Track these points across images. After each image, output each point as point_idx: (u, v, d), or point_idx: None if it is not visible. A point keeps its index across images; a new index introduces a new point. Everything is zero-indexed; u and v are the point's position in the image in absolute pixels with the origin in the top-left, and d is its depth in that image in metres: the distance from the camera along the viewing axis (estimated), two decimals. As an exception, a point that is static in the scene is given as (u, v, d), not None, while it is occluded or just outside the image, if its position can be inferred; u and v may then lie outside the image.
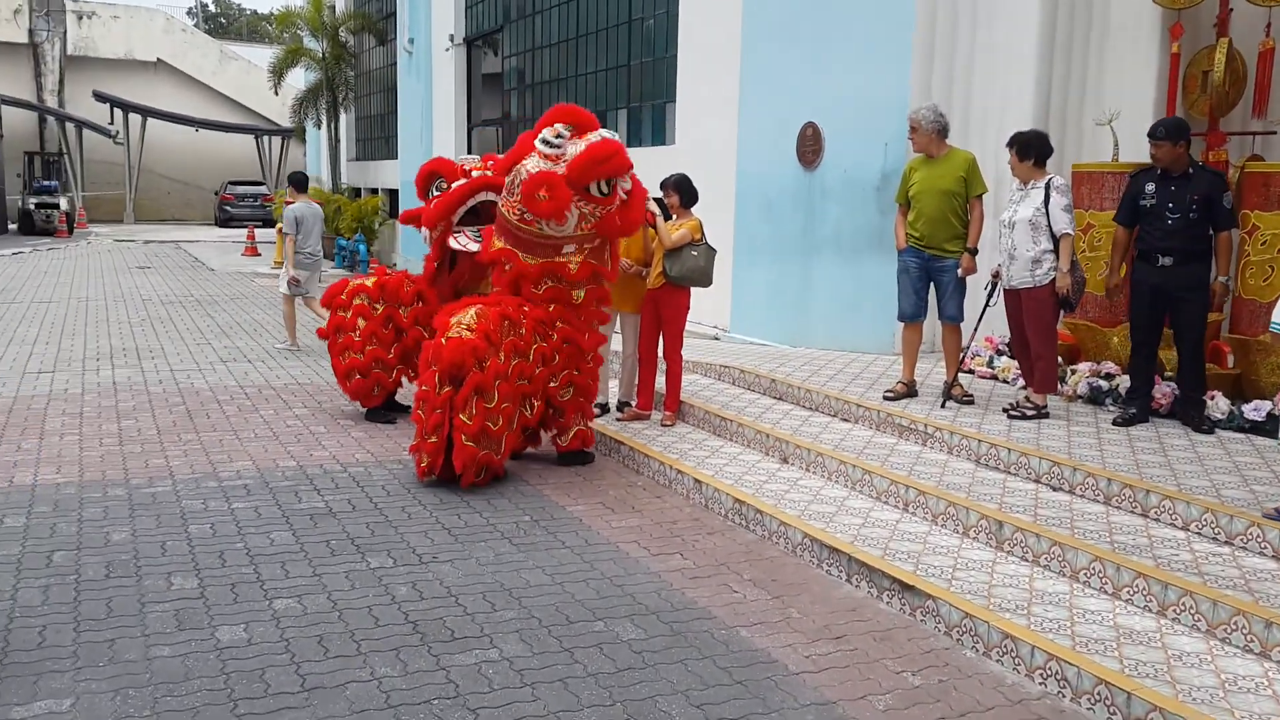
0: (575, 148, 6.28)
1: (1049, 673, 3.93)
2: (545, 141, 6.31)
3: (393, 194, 23.55)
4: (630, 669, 4.03)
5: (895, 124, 8.89)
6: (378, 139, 26.48)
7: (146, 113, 37.46)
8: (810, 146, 9.78)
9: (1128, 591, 4.43)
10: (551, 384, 6.58)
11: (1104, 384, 6.95)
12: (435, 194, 7.76)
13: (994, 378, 7.79)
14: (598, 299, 6.71)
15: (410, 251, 21.24)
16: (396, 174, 22.90)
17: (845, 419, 7.08)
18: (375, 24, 25.41)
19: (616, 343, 7.91)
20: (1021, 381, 7.53)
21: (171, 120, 38.07)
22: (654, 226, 7.19)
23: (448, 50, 19.74)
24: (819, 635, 4.39)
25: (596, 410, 7.58)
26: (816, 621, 4.53)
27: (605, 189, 6.35)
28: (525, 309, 6.46)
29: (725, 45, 11.14)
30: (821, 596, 4.81)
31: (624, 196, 6.51)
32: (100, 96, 36.67)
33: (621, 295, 7.42)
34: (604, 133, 6.44)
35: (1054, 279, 6.36)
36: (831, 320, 9.66)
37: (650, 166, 11.95)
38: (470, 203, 7.52)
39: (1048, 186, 6.40)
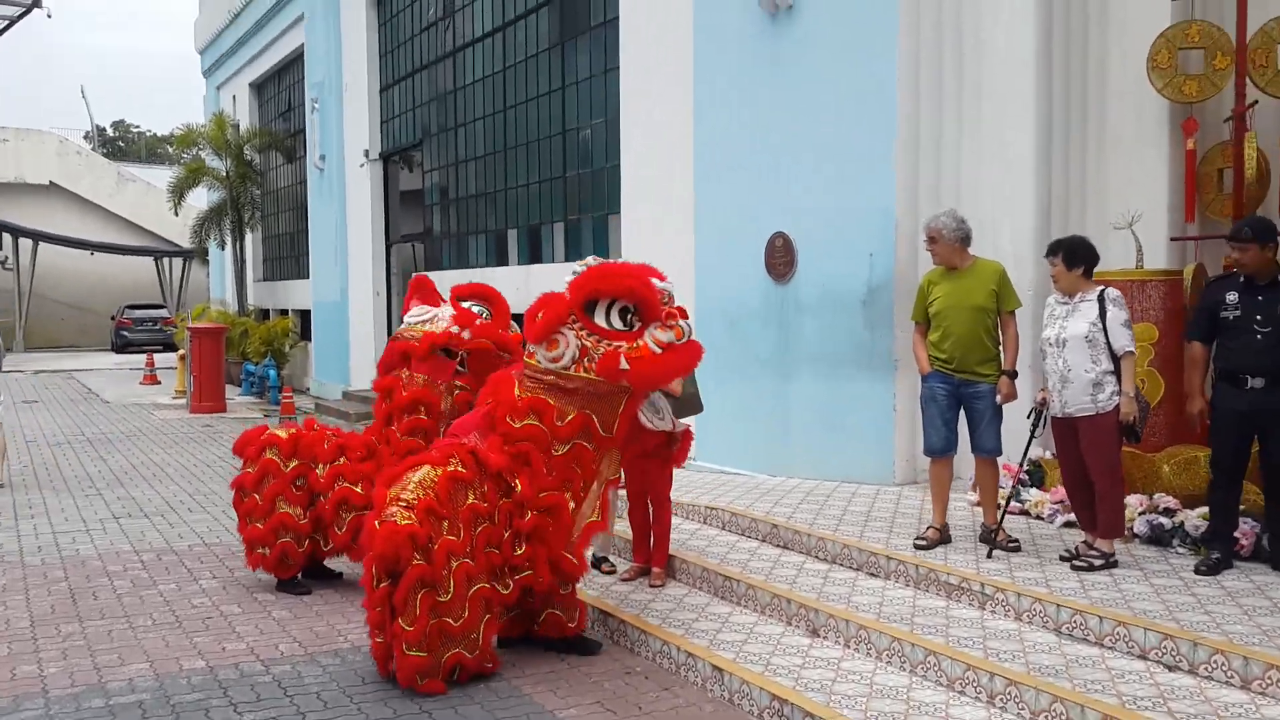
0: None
1: None
2: (574, 271, 5.43)
3: (304, 315, 22.21)
4: None
5: (880, 233, 8.06)
6: (287, 258, 25.16)
7: (38, 237, 35.59)
8: (781, 258, 8.89)
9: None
10: (516, 554, 5.15)
11: (1166, 521, 6.01)
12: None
13: (1024, 513, 6.80)
14: (579, 461, 5.24)
15: (325, 375, 19.88)
16: (308, 294, 21.60)
17: (873, 573, 5.99)
18: (282, 141, 24.32)
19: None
20: (1060, 519, 6.59)
21: (65, 244, 36.23)
22: None
23: (362, 166, 18.76)
24: None
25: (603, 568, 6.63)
26: None
27: (620, 321, 5.21)
28: (479, 456, 5.18)
29: (675, 153, 10.29)
30: (922, 843, 3.66)
31: (661, 341, 5.21)
32: (-13, 221, 34.77)
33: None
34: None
35: (1117, 405, 5.46)
36: (816, 446, 8.64)
37: (597, 282, 11.03)
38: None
39: (1101, 299, 5.53)
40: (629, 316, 5.21)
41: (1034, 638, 4.92)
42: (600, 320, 5.19)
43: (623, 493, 6.55)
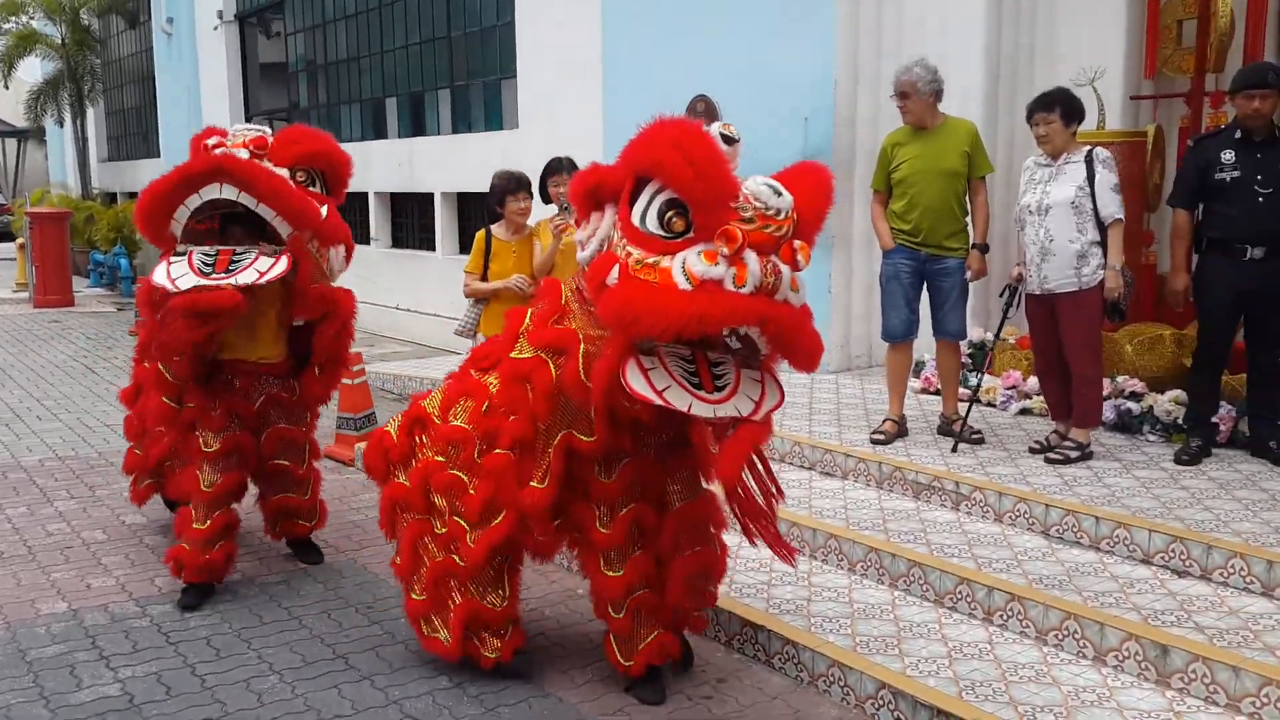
0: None
1: None
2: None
3: (157, 198, 20.42)
4: None
5: (816, 96, 7.37)
6: (134, 136, 23.04)
7: None
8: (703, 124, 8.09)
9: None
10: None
11: (1134, 406, 5.62)
12: None
13: (974, 400, 6.32)
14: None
15: (185, 264, 18.32)
16: (159, 174, 19.77)
17: (829, 473, 5.45)
18: (124, 4, 22.00)
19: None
20: (1015, 406, 6.17)
21: (-121, 123, 32.76)
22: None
23: (216, 29, 16.98)
24: None
25: None
26: None
27: (658, 224, 3.18)
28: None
29: (581, 8, 9.32)
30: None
31: (695, 274, 3.07)
32: None
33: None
34: None
35: (1103, 279, 4.94)
36: (741, 332, 8.04)
37: (487, 155, 10.03)
38: (199, 198, 4.44)
39: (1090, 160, 4.96)
40: (669, 218, 3.18)
41: (1022, 543, 4.45)
42: (636, 214, 3.23)
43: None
